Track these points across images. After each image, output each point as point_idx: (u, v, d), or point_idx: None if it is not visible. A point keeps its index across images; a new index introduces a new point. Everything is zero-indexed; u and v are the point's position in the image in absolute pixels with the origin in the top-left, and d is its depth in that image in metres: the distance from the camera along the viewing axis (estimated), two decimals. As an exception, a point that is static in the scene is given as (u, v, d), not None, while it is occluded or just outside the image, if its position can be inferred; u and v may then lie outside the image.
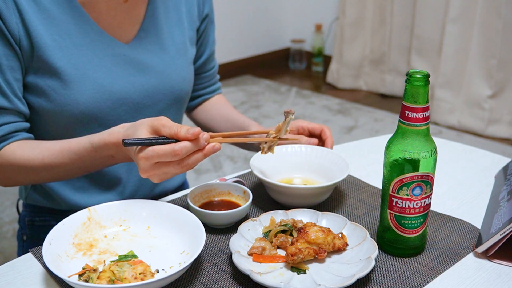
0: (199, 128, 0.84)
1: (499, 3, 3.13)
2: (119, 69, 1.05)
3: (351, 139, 3.20)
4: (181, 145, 0.82)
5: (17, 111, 0.99)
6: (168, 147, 0.82)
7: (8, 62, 0.96)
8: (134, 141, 0.84)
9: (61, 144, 0.97)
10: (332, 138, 1.13)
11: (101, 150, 0.92)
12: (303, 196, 0.97)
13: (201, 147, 0.84)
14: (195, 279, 0.79)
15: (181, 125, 0.84)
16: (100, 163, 0.97)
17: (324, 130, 1.13)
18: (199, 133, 0.83)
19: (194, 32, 1.20)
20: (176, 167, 0.84)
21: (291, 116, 0.92)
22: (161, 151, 0.82)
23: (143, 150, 0.83)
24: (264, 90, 4.17)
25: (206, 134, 0.85)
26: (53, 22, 0.98)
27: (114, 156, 0.93)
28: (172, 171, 0.84)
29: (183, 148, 0.82)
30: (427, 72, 0.78)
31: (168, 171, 0.84)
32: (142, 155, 0.83)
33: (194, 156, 0.84)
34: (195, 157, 0.84)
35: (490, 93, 3.30)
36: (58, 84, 1.00)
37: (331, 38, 4.42)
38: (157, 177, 0.86)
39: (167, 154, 0.82)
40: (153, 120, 0.86)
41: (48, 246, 0.79)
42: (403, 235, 0.84)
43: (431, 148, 0.81)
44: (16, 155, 0.97)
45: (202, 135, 0.84)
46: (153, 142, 0.83)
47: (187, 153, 0.83)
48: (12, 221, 2.33)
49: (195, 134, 0.83)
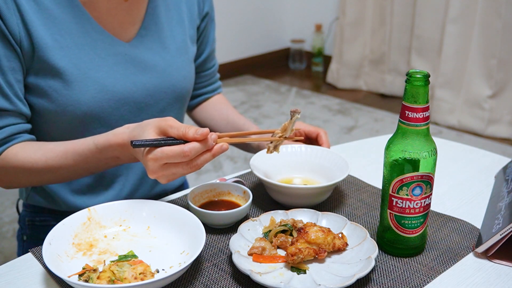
0: (207, 128, 0.83)
1: (499, 3, 3.13)
2: (121, 68, 1.05)
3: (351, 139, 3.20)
4: (190, 146, 0.82)
5: (19, 113, 0.99)
6: (177, 148, 0.82)
7: (9, 63, 0.96)
8: (142, 143, 0.83)
9: (65, 146, 0.97)
10: (328, 143, 1.12)
11: (105, 151, 0.92)
12: (303, 196, 0.97)
13: (210, 148, 0.84)
14: (195, 279, 0.79)
15: (189, 126, 0.84)
16: (105, 164, 0.96)
17: (320, 134, 1.12)
18: (208, 133, 0.83)
19: (194, 30, 1.20)
20: (185, 168, 0.84)
21: (297, 115, 0.92)
22: (170, 152, 0.82)
23: (152, 151, 0.83)
24: (264, 90, 4.17)
25: (214, 135, 0.85)
26: (54, 22, 0.98)
27: (119, 157, 0.93)
28: (181, 172, 0.84)
29: (192, 149, 0.82)
30: (427, 72, 0.78)
31: (177, 172, 0.84)
32: (151, 157, 0.83)
33: (203, 156, 0.84)
34: (203, 158, 0.84)
35: (490, 93, 3.30)
36: (59, 85, 1.00)
37: (331, 38, 4.42)
38: (165, 178, 0.86)
39: (176, 155, 0.82)
40: (160, 121, 0.86)
41: (48, 246, 0.79)
42: (403, 235, 0.84)
43: (431, 148, 0.81)
44: (19, 157, 0.97)
45: (210, 135, 0.84)
46: (162, 143, 0.83)
47: (196, 153, 0.83)
48: (12, 221, 2.33)
49: (204, 134, 0.83)
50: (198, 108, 1.33)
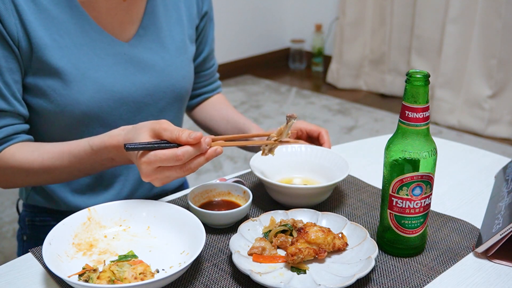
0: (200, 132, 0.83)
1: (499, 3, 3.13)
2: (120, 68, 1.05)
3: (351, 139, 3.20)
4: (183, 150, 0.82)
5: (17, 113, 0.99)
6: (170, 151, 0.82)
7: (7, 64, 0.96)
8: (135, 146, 0.83)
9: (61, 147, 0.97)
10: (329, 142, 1.12)
11: (101, 152, 0.92)
12: (303, 196, 0.97)
13: (203, 151, 0.84)
14: (195, 279, 0.79)
15: (183, 129, 0.83)
16: (100, 166, 0.96)
17: (322, 133, 1.12)
18: (201, 137, 0.83)
19: (193, 30, 1.20)
20: (178, 171, 0.84)
21: (293, 120, 0.92)
22: (163, 155, 0.82)
23: (145, 154, 0.83)
24: (264, 90, 4.17)
25: (208, 138, 0.85)
26: (52, 22, 0.98)
27: (114, 159, 0.93)
28: (174, 175, 0.84)
29: (185, 153, 0.82)
30: (427, 72, 0.78)
31: (170, 175, 0.84)
32: (144, 160, 0.83)
33: (196, 160, 0.84)
34: (197, 161, 0.84)
35: (490, 93, 3.30)
36: (58, 84, 1.00)
37: (331, 38, 4.42)
38: (159, 181, 0.86)
39: (169, 158, 0.82)
40: (154, 124, 0.86)
41: (48, 246, 0.79)
42: (403, 235, 0.84)
43: (431, 148, 0.81)
44: (16, 157, 0.97)
45: (204, 139, 0.83)
46: (155, 147, 0.83)
47: (189, 157, 0.82)
48: (12, 221, 2.33)
49: (197, 138, 0.82)
50: (197, 108, 1.33)
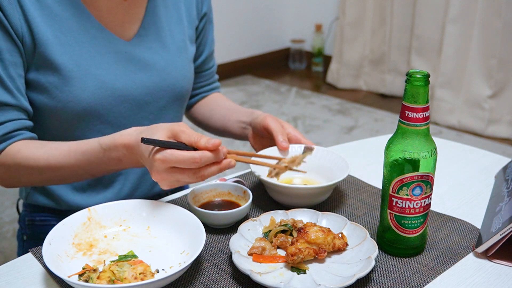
0: (220, 139, 0.83)
1: (499, 3, 3.13)
2: (121, 66, 1.06)
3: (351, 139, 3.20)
4: (201, 154, 0.81)
5: (22, 108, 0.99)
6: (188, 153, 0.81)
7: (12, 58, 0.96)
8: (153, 140, 0.82)
9: (69, 145, 0.96)
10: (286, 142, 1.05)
11: (110, 151, 0.91)
12: (303, 196, 0.97)
13: (219, 160, 0.84)
14: (195, 279, 0.79)
15: (201, 134, 0.83)
16: (106, 166, 0.95)
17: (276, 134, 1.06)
18: (219, 144, 0.82)
19: (193, 30, 1.21)
20: (191, 176, 0.83)
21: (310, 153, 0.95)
22: (180, 156, 0.81)
23: (161, 151, 0.82)
24: (264, 90, 4.17)
25: (224, 148, 0.85)
26: (55, 19, 0.99)
27: (121, 160, 0.92)
28: (185, 180, 0.83)
29: (203, 157, 0.81)
30: (427, 72, 0.78)
31: (181, 179, 0.83)
32: (159, 157, 0.82)
33: (211, 168, 0.83)
34: (211, 169, 0.83)
35: (490, 93, 3.30)
36: (59, 81, 1.00)
37: (331, 38, 4.42)
38: (167, 183, 0.85)
39: (186, 160, 0.81)
40: (173, 125, 0.85)
41: (48, 246, 0.79)
42: (403, 235, 0.84)
43: (431, 148, 0.81)
44: (22, 153, 0.96)
45: (222, 148, 0.83)
46: (172, 146, 0.82)
47: (205, 162, 0.82)
48: (12, 221, 2.33)
49: (216, 145, 0.82)
50: (196, 105, 1.34)
